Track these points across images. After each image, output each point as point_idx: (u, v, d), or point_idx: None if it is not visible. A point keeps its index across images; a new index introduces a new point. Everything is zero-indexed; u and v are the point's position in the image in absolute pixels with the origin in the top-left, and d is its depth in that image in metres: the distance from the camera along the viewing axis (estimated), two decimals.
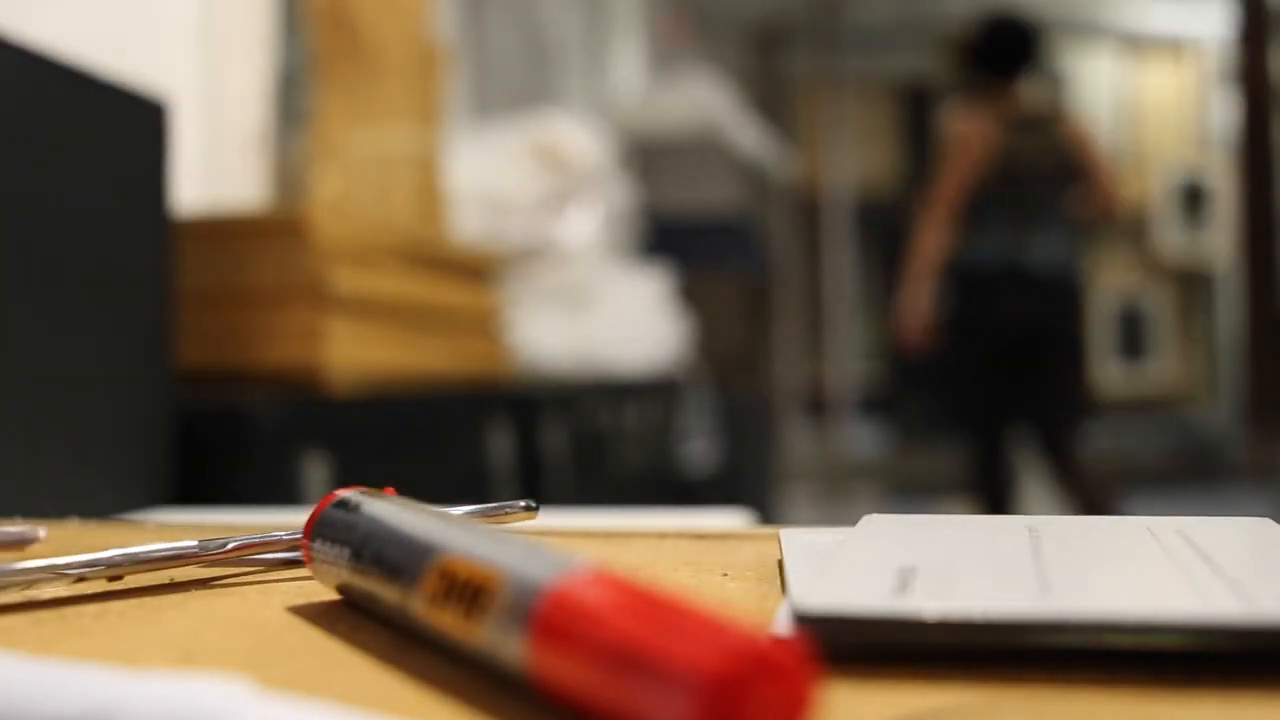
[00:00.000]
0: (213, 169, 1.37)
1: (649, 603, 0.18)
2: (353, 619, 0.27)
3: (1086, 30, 5.27)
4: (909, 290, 2.83)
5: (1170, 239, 5.25)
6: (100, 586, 0.30)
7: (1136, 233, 5.27)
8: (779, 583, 0.31)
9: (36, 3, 1.07)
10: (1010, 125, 2.68)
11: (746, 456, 2.81)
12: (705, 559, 0.35)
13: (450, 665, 0.23)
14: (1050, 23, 5.22)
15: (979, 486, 2.82)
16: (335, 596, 0.29)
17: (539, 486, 1.32)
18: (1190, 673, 0.21)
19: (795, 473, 4.33)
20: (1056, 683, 0.21)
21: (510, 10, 2.60)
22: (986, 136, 2.66)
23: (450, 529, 0.24)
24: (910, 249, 2.84)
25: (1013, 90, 2.73)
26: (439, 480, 1.11)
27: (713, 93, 3.08)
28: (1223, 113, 5.19)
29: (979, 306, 2.70)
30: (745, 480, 2.76)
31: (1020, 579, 0.25)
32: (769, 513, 3.03)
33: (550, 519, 0.42)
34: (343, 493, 0.29)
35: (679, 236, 2.74)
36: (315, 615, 0.28)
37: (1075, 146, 2.70)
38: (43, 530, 0.36)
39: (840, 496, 4.47)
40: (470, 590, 0.21)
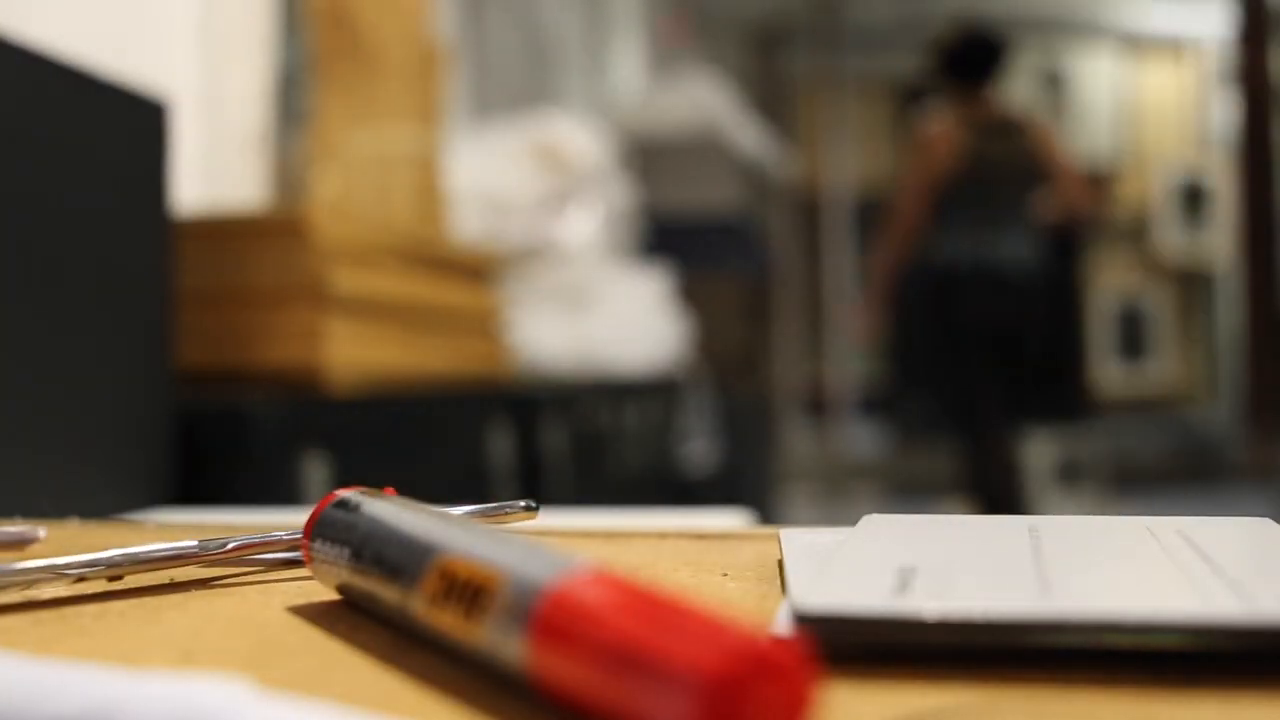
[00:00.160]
0: (213, 169, 1.37)
1: (649, 603, 0.18)
2: (353, 619, 0.27)
3: (1086, 30, 5.27)
4: (865, 301, 3.02)
5: (1170, 239, 5.25)
6: (100, 586, 0.30)
7: (1136, 233, 5.27)
8: (779, 583, 0.31)
9: (36, 3, 1.07)
10: (978, 130, 2.80)
11: (746, 456, 2.81)
12: (705, 559, 0.35)
13: (450, 665, 0.23)
14: (1050, 23, 5.24)
15: (974, 486, 2.86)
16: (335, 596, 0.29)
17: (539, 486, 1.32)
18: (1190, 673, 0.21)
19: (795, 473, 4.33)
20: (1056, 683, 0.21)
21: (510, 10, 2.60)
22: (952, 140, 2.78)
23: (450, 529, 0.24)
24: (872, 255, 3.01)
25: (982, 96, 2.85)
26: (439, 480, 1.11)
27: (713, 93, 3.08)
28: (1223, 113, 5.18)
29: (951, 306, 2.80)
30: (745, 480, 2.76)
31: (1020, 579, 0.25)
32: (769, 513, 3.03)
33: (550, 519, 0.42)
34: (343, 493, 0.29)
35: (679, 236, 2.74)
36: (315, 615, 0.28)
37: (1040, 151, 2.83)
38: (43, 530, 0.36)
39: (840, 496, 4.47)
40: (470, 590, 0.21)
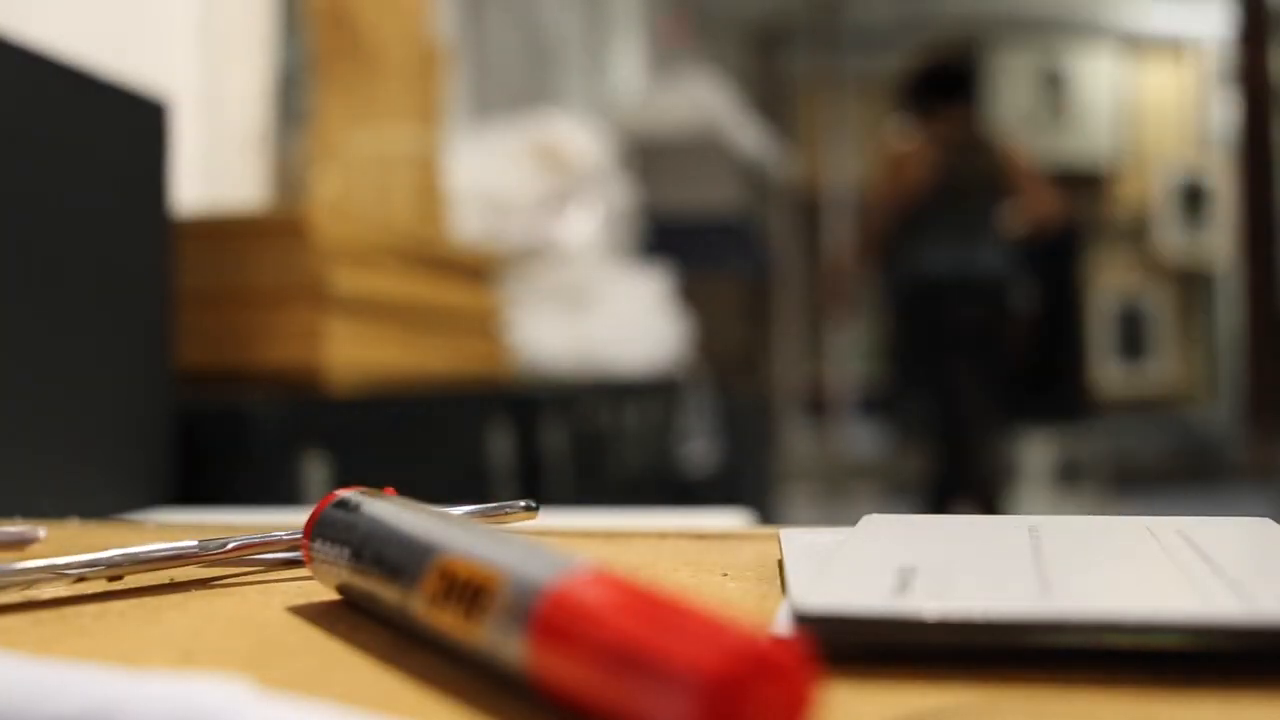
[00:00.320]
0: (213, 169, 1.37)
1: (649, 603, 0.18)
2: (353, 619, 0.27)
3: (1086, 30, 5.27)
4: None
5: (1170, 239, 5.25)
6: (100, 586, 0.30)
7: (1136, 233, 5.27)
8: (779, 583, 0.31)
9: (36, 3, 1.07)
10: (950, 148, 2.94)
11: (746, 456, 2.81)
12: (705, 559, 0.35)
13: (450, 665, 0.23)
14: (1050, 23, 5.24)
15: (943, 489, 3.01)
16: (335, 596, 0.29)
17: (539, 486, 1.32)
18: (1190, 673, 0.21)
19: (795, 473, 4.33)
20: (1056, 683, 0.21)
21: (510, 10, 2.60)
22: (923, 159, 2.93)
23: (450, 529, 0.24)
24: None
25: (952, 116, 2.99)
26: (439, 480, 1.11)
27: (713, 93, 3.08)
28: (1223, 113, 5.18)
29: (931, 314, 2.94)
30: (745, 480, 2.76)
31: (1020, 579, 0.25)
32: (769, 513, 3.03)
33: (550, 519, 0.42)
34: (343, 493, 0.29)
35: (679, 236, 2.74)
36: (315, 615, 0.28)
37: (1009, 166, 2.99)
38: (43, 530, 0.36)
39: (840, 496, 4.47)
40: (470, 590, 0.21)
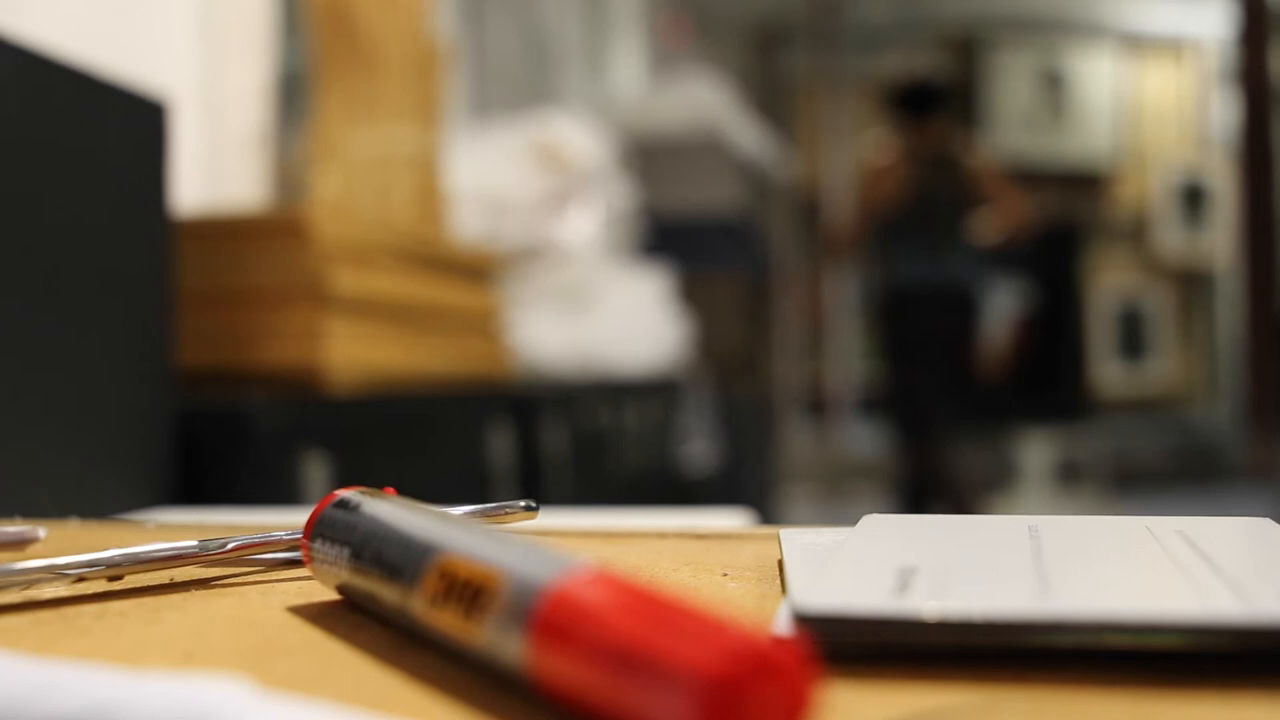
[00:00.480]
0: (213, 169, 1.38)
1: (649, 603, 0.18)
2: (353, 619, 0.27)
3: (1086, 30, 5.27)
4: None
5: (1170, 239, 5.25)
6: (100, 586, 0.30)
7: (1136, 233, 5.26)
8: (779, 583, 0.31)
9: (36, 2, 1.07)
10: (922, 162, 3.07)
11: (746, 456, 2.81)
12: (705, 559, 0.35)
13: (450, 665, 0.23)
14: (1050, 23, 5.24)
15: (907, 491, 3.10)
16: (335, 596, 0.29)
17: (539, 486, 1.32)
18: (1190, 673, 0.21)
19: (795, 473, 4.33)
20: (1056, 683, 0.21)
21: (510, 10, 2.60)
22: (898, 174, 3.06)
23: (450, 529, 0.24)
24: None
25: (925, 131, 3.12)
26: (439, 480, 1.11)
27: (713, 93, 3.08)
28: (1223, 113, 5.19)
29: (904, 321, 3.05)
30: (745, 480, 2.76)
31: (1020, 579, 0.25)
32: (769, 513, 3.03)
33: (550, 519, 0.42)
34: (343, 493, 0.29)
35: (679, 236, 2.74)
36: (315, 615, 0.28)
37: (979, 178, 3.12)
38: (43, 530, 0.36)
39: (840, 496, 4.47)
40: (470, 590, 0.21)
